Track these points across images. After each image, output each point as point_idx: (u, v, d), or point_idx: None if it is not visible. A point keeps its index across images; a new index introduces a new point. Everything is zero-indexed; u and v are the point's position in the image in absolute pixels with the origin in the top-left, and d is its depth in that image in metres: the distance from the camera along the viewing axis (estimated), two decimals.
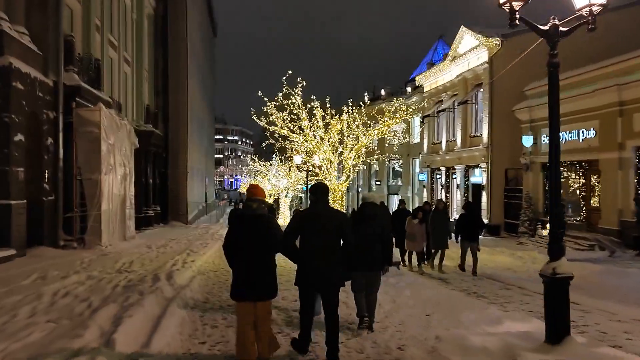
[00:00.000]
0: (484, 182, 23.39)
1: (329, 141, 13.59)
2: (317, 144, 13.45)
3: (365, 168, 21.27)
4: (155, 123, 28.62)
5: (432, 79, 29.41)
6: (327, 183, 14.17)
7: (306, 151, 14.07)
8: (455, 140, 26.44)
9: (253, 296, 4.58)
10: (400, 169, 39.51)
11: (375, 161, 15.02)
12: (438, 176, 29.59)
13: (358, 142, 13.64)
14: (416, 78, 32.08)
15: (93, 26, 18.67)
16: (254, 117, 13.66)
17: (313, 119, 13.28)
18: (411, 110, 14.00)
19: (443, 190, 28.35)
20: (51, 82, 14.27)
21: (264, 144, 14.56)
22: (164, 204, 31.06)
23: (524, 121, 20.06)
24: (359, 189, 47.10)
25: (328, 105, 13.75)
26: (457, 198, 26.42)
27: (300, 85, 13.02)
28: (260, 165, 31.59)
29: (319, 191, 5.27)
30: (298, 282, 5.12)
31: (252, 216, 4.68)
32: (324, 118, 13.55)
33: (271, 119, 13.28)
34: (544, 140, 19.28)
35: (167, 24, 33.16)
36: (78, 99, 15.21)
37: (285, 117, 13.26)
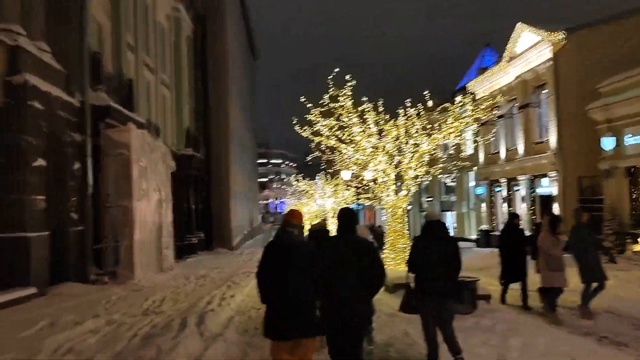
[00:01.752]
0: (555, 193, 20.84)
1: (383, 149, 11.68)
2: (371, 154, 11.58)
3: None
4: (196, 147, 27.71)
5: (486, 84, 27.21)
6: (386, 199, 12.26)
7: (357, 163, 12.21)
8: (516, 149, 24.02)
9: (292, 333, 4.09)
10: (453, 184, 37.10)
11: (439, 173, 13.00)
12: (498, 188, 27.11)
13: (418, 150, 11.71)
14: (467, 85, 29.91)
15: (124, 44, 17.75)
16: (296, 127, 11.90)
17: (364, 125, 11.46)
18: (482, 108, 11.97)
19: (505, 204, 25.84)
20: (77, 102, 13.17)
21: (309, 158, 12.71)
22: (208, 230, 30.04)
23: (600, 122, 17.59)
24: (409, 207, 44.82)
25: (381, 109, 11.89)
26: (522, 212, 23.85)
27: (349, 84, 11.23)
28: (305, 184, 29.85)
29: (340, 217, 4.78)
30: (326, 320, 4.45)
31: (294, 243, 4.22)
32: (377, 123, 11.70)
33: (316, 128, 11.52)
34: (627, 141, 16.75)
35: (206, 46, 32.59)
36: (107, 120, 14.08)
37: (332, 125, 11.47)
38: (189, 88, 28.82)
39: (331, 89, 11.14)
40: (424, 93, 11.99)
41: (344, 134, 11.65)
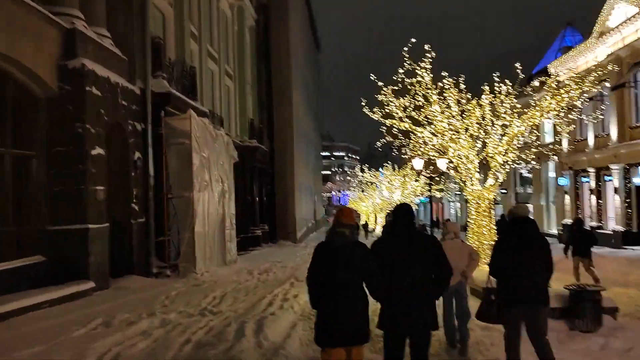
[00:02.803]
0: None
1: (466, 132, 10.26)
2: (452, 138, 10.19)
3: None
4: (260, 138, 27.31)
5: (571, 64, 24.71)
6: (469, 190, 10.89)
7: (435, 149, 10.80)
8: (608, 135, 21.61)
9: (345, 340, 3.90)
10: (529, 175, 34.53)
11: (532, 158, 11.39)
12: (584, 179, 24.66)
13: (508, 131, 10.19)
14: (548, 66, 27.46)
15: (187, 33, 17.35)
16: (365, 109, 10.67)
17: (443, 106, 10.05)
18: (593, 78, 10.31)
19: (593, 196, 23.43)
20: (138, 89, 12.77)
21: (378, 144, 11.34)
22: (272, 222, 29.76)
23: None
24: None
25: (463, 86, 10.44)
26: (614, 205, 21.47)
27: (429, 57, 9.86)
28: (371, 175, 28.38)
29: (397, 212, 4.47)
30: (383, 324, 4.28)
31: (345, 245, 3.97)
32: (459, 102, 10.28)
33: (388, 109, 10.22)
34: None
35: (269, 36, 32.08)
36: (168, 107, 13.62)
37: (406, 105, 10.12)
38: (253, 79, 28.39)
39: (407, 63, 9.83)
40: (515, 65, 10.47)
41: (420, 115, 10.34)
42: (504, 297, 4.84)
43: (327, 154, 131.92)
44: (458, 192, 44.45)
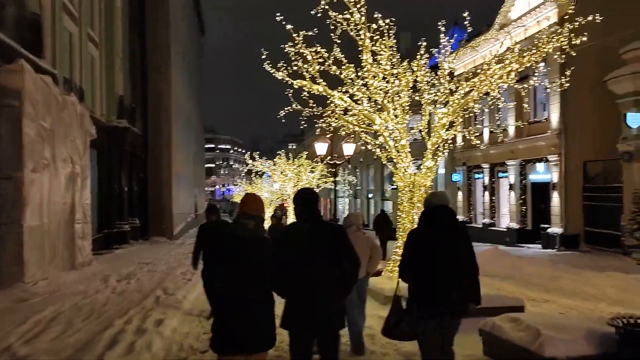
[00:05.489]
0: (555, 180, 18.10)
1: (399, 97, 8.08)
2: (384, 103, 7.91)
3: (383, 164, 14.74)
4: (131, 119, 23.46)
5: (468, 58, 24.29)
6: (400, 175, 8.76)
7: (360, 120, 8.38)
8: (505, 130, 21.23)
9: (246, 346, 3.48)
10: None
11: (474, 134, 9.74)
12: (477, 175, 24.34)
13: (452, 98, 8.25)
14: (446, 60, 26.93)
15: None
16: (266, 65, 7.88)
17: (372, 62, 7.76)
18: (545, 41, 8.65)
19: (486, 193, 23.08)
20: None
21: (282, 113, 8.57)
22: (144, 215, 26.08)
23: (624, 94, 14.91)
24: (369, 195, 41.91)
25: (393, 40, 8.19)
26: (509, 202, 21.14)
27: None
28: (261, 164, 25.52)
29: (302, 200, 3.91)
30: (287, 323, 3.79)
31: (249, 239, 3.60)
32: (390, 61, 8.05)
33: (298, 65, 7.59)
34: None
35: (145, 6, 28.20)
36: None
37: (323, 56, 7.53)
38: (124, 52, 24.38)
39: None
40: (464, 15, 8.67)
41: (342, 71, 7.88)
42: (415, 306, 4.17)
43: (211, 145, 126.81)
44: (347, 187, 43.52)
